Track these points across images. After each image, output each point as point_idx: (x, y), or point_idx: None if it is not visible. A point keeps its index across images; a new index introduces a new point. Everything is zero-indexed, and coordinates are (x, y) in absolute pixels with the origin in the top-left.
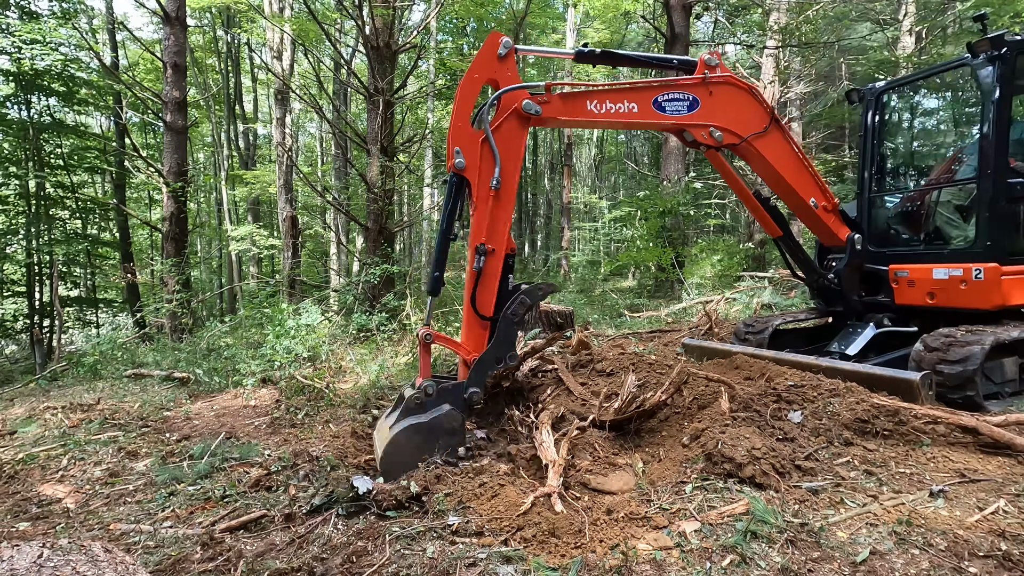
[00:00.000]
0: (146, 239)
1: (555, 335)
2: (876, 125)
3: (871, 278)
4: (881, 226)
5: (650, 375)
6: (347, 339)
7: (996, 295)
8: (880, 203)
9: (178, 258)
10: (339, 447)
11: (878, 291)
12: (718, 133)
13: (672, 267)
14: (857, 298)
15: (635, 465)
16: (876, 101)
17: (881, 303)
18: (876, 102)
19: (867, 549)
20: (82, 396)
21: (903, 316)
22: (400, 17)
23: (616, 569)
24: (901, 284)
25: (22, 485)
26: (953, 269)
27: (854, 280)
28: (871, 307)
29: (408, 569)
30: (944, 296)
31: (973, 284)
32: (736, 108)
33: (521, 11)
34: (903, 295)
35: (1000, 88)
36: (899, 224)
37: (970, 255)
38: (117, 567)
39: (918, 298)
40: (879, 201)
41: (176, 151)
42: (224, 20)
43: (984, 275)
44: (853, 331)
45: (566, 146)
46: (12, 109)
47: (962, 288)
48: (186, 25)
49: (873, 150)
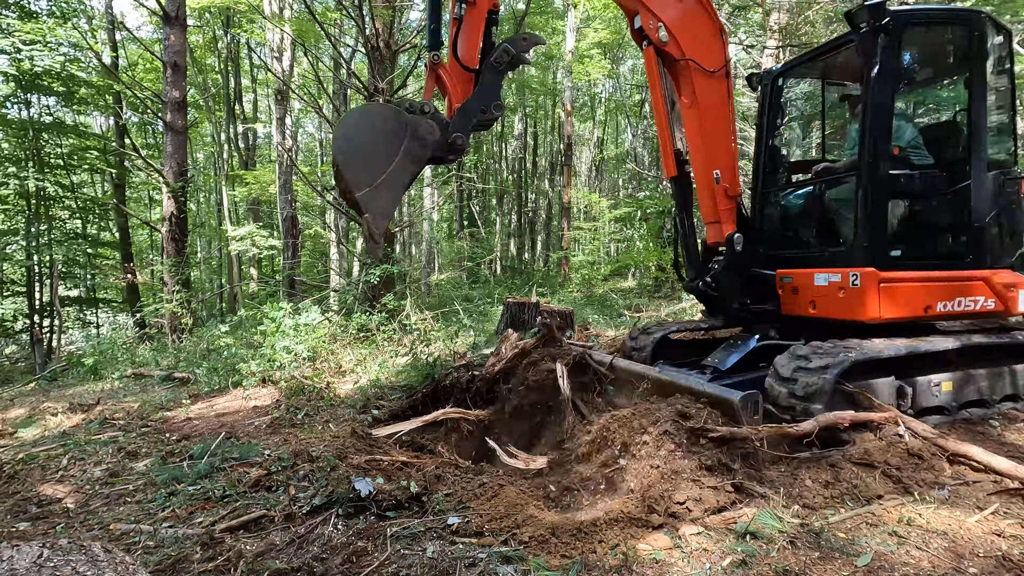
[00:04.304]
0: (146, 239)
1: (549, 334)
2: (770, 113)
3: (759, 284)
4: (771, 225)
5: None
6: (347, 339)
7: (872, 306)
8: (771, 200)
9: (178, 258)
10: (339, 447)
11: (766, 299)
12: (664, 34)
13: (672, 267)
14: (738, 307)
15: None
16: (772, 86)
17: (768, 313)
18: (772, 87)
19: (869, 552)
20: (82, 396)
21: (792, 328)
22: (400, 17)
23: (616, 569)
24: (786, 291)
25: (22, 485)
26: (832, 274)
27: (734, 286)
28: (758, 317)
29: (408, 569)
30: (825, 305)
31: (850, 292)
32: (695, 29)
33: (521, 11)
34: (788, 304)
35: (881, 64)
36: (787, 223)
37: (848, 258)
38: (117, 567)
39: (802, 307)
40: (770, 197)
41: (176, 151)
42: (224, 20)
43: (860, 281)
44: (733, 344)
45: (566, 146)
46: (12, 109)
47: (840, 296)
48: (186, 25)
49: (765, 140)
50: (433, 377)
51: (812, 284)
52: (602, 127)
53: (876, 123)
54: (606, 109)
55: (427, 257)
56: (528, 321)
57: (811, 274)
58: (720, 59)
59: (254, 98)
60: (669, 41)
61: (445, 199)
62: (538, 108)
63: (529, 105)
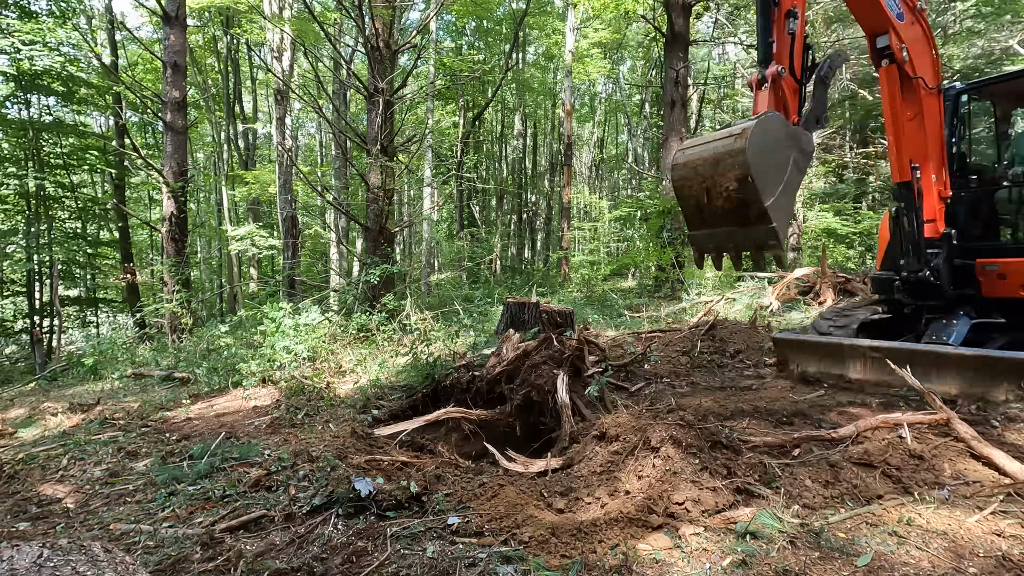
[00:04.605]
0: (146, 239)
1: (547, 335)
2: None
3: (960, 272)
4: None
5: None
6: (347, 339)
7: None
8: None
9: (178, 258)
10: (339, 447)
11: (967, 285)
12: (906, 54)
13: (672, 267)
14: (952, 291)
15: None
16: (956, 101)
17: (968, 296)
18: (956, 103)
19: (869, 552)
20: (82, 396)
21: (987, 309)
22: (400, 17)
23: (616, 569)
24: (989, 277)
25: (22, 485)
26: None
27: (948, 273)
28: (959, 301)
29: (408, 569)
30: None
31: None
32: (923, 50)
33: (521, 11)
34: (993, 288)
35: None
36: (986, 219)
37: None
38: (117, 567)
39: (1012, 290)
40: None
41: (176, 151)
42: (224, 20)
43: None
44: (946, 323)
45: (566, 146)
46: (12, 109)
47: None
48: (186, 25)
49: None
50: (433, 377)
51: (1022, 270)
52: (602, 127)
53: None
54: (606, 109)
55: (427, 257)
56: (528, 321)
57: (1021, 262)
58: (938, 78)
59: (254, 98)
60: (908, 60)
61: (445, 199)
62: (538, 108)
63: (529, 105)
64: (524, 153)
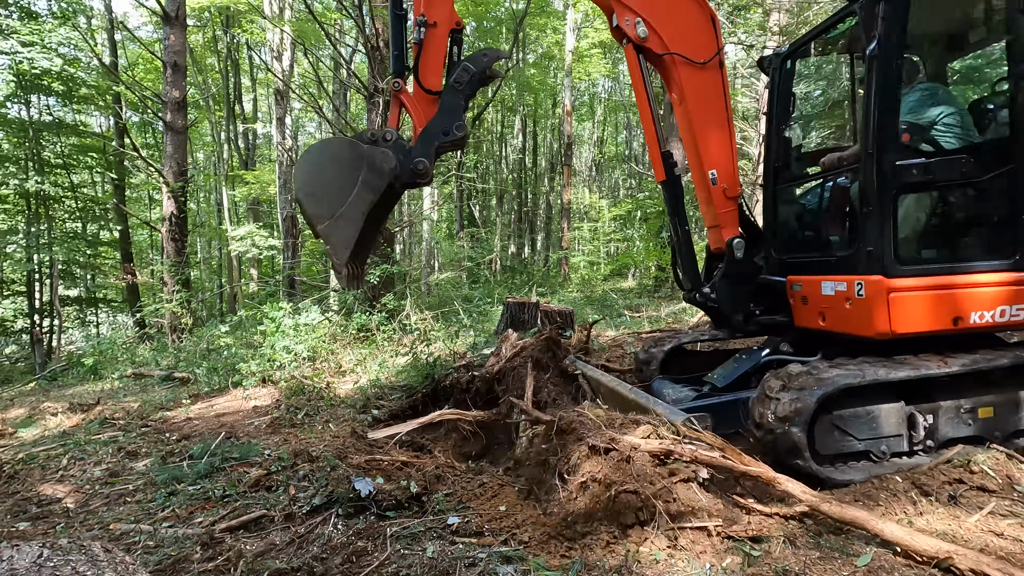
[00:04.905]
0: (146, 239)
1: (545, 334)
2: (780, 101)
3: (770, 293)
4: (783, 227)
5: None
6: (347, 339)
7: (881, 319)
8: (783, 198)
9: (178, 258)
10: (339, 447)
11: (778, 310)
12: (643, 28)
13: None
14: (743, 318)
15: None
16: (780, 70)
17: (780, 324)
18: (780, 71)
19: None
20: (82, 396)
21: (807, 341)
22: None
23: (616, 569)
24: (797, 300)
25: (22, 485)
26: (838, 283)
27: (737, 296)
28: (770, 329)
29: (408, 569)
30: (833, 318)
31: (857, 303)
32: (679, 19)
33: (521, 11)
34: (800, 315)
35: (882, 36)
36: (797, 223)
37: (853, 264)
38: (117, 567)
39: (812, 319)
40: (782, 195)
41: (176, 151)
42: (224, 20)
43: (866, 290)
44: (739, 358)
45: (566, 146)
46: (12, 109)
47: (847, 307)
48: (186, 25)
49: (776, 132)
50: (433, 377)
51: (819, 293)
52: (602, 127)
53: (882, 106)
54: (606, 109)
55: (427, 257)
56: (528, 321)
57: (819, 282)
58: (711, 48)
59: (254, 98)
60: (649, 36)
61: (445, 199)
62: (538, 108)
63: (529, 105)
64: (524, 153)
